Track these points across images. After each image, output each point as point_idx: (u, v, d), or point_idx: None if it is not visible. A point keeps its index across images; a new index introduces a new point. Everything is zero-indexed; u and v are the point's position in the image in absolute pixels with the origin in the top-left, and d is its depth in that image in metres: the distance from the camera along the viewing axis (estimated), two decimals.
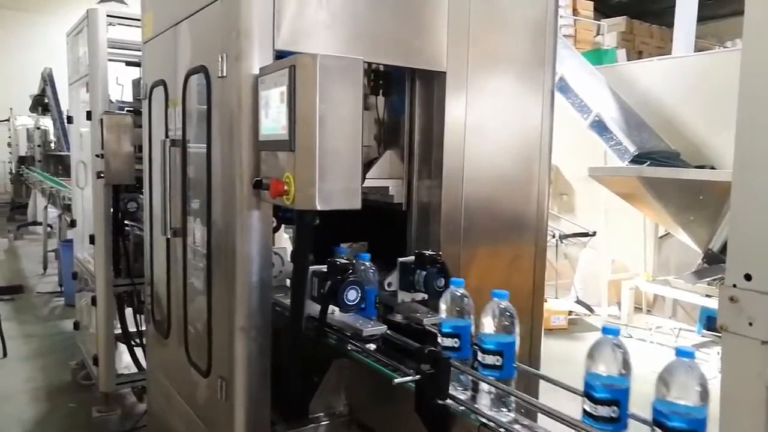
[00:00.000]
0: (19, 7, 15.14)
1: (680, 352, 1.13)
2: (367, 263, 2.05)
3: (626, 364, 1.24)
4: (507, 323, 1.50)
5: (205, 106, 2.16)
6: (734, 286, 1.09)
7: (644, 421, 1.24)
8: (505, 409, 1.49)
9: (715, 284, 5.54)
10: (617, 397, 1.23)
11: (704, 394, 1.10)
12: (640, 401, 1.27)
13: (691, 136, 6.49)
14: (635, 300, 6.70)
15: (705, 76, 6.47)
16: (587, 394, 1.26)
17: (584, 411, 1.26)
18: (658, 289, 6.36)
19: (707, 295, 5.63)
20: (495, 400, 1.50)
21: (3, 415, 4.08)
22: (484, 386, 1.53)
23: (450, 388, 1.55)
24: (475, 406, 1.51)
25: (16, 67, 14.35)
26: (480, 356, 1.52)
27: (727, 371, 1.15)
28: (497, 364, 1.48)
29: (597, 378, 1.24)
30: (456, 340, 1.60)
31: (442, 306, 1.63)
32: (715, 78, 6.24)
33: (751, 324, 1.08)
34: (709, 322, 5.98)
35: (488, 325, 1.50)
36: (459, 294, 1.64)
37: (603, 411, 1.23)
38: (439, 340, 1.63)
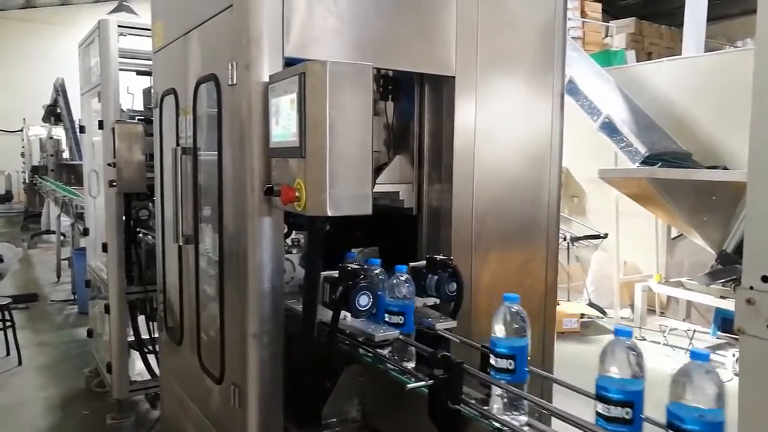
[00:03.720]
0: (32, 18, 15.35)
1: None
2: (378, 269, 2.03)
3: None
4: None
5: (216, 114, 2.18)
6: (751, 288, 1.08)
7: (659, 424, 1.23)
8: (517, 413, 1.48)
9: (730, 285, 5.49)
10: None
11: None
12: (654, 404, 1.26)
13: (703, 137, 6.44)
14: (648, 302, 6.65)
15: (716, 76, 6.42)
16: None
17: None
18: (671, 291, 6.31)
19: (722, 297, 5.57)
20: (508, 404, 1.49)
21: (18, 423, 4.12)
22: (496, 389, 1.51)
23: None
24: (488, 410, 1.50)
25: (29, 77, 14.55)
26: (492, 359, 1.51)
27: (744, 374, 1.14)
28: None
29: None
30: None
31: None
32: (726, 78, 6.20)
33: None
34: (724, 323, 5.92)
35: (499, 328, 1.49)
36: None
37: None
38: (492, 360, 1.51)
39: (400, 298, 1.90)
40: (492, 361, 1.50)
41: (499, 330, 1.49)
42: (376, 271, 1.97)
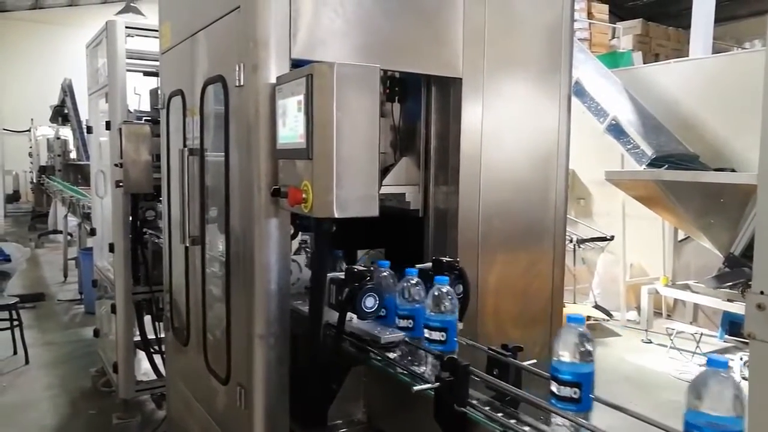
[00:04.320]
0: (40, 19, 15.45)
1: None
2: (387, 271, 2.02)
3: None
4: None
5: (223, 116, 2.18)
6: (762, 293, 1.07)
7: (650, 422, 1.24)
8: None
9: (737, 289, 5.45)
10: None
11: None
12: (665, 407, 1.25)
13: (710, 139, 6.41)
14: (655, 305, 6.62)
15: (723, 77, 6.39)
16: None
17: None
18: (678, 294, 6.27)
19: (729, 300, 5.54)
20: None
21: (25, 422, 4.13)
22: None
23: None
24: (493, 412, 1.49)
25: (37, 78, 14.64)
26: (554, 387, 1.39)
27: (755, 380, 1.13)
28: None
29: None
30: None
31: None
32: (733, 79, 6.17)
33: None
34: (732, 327, 5.89)
35: (564, 352, 1.36)
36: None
37: None
38: (553, 388, 1.39)
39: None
40: (554, 388, 1.39)
41: (563, 354, 1.36)
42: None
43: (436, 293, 1.77)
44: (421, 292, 1.90)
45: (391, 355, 1.83)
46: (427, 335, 1.81)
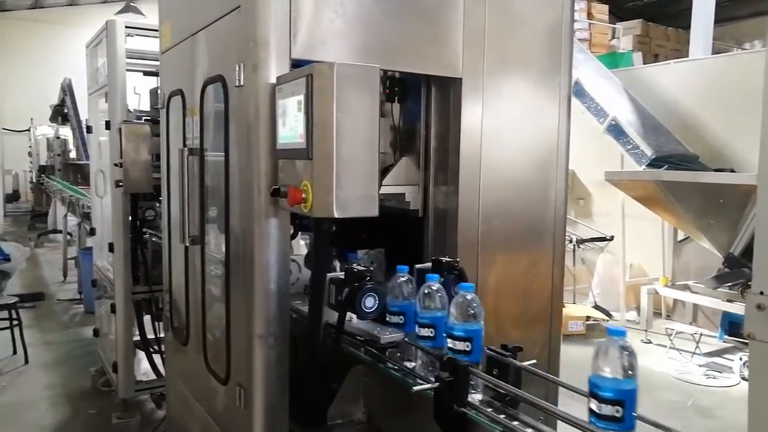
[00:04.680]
0: (40, 19, 15.45)
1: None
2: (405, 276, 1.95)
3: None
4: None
5: (223, 115, 2.18)
6: (761, 293, 1.07)
7: (655, 424, 1.24)
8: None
9: (737, 289, 5.46)
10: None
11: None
12: (664, 407, 1.25)
13: (710, 139, 6.42)
14: (654, 305, 6.62)
15: (723, 78, 6.39)
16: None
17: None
18: (677, 294, 6.28)
19: (729, 300, 5.54)
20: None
21: (24, 422, 4.13)
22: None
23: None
24: (493, 412, 1.49)
25: (37, 77, 14.64)
26: (594, 405, 1.27)
27: (754, 379, 1.13)
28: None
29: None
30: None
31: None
32: (733, 80, 6.17)
33: None
34: (731, 327, 5.89)
35: (605, 368, 1.25)
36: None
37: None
38: (594, 406, 1.27)
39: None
40: (593, 406, 1.27)
41: (604, 369, 1.25)
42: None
43: (426, 291, 1.75)
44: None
45: (391, 355, 1.83)
46: (387, 319, 1.85)
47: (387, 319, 1.91)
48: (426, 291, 1.76)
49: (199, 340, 2.59)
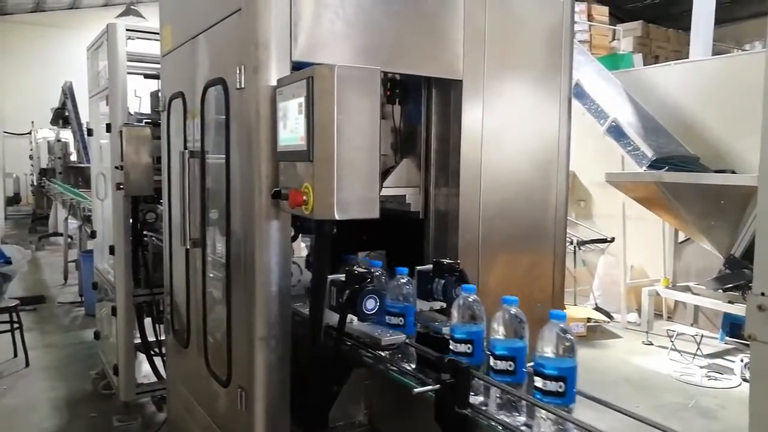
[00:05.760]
0: (41, 22, 15.48)
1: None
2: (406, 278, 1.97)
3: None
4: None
5: (224, 118, 2.18)
6: (762, 294, 1.07)
7: (651, 424, 1.23)
8: (516, 414, 1.47)
9: (738, 290, 5.45)
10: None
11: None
12: (666, 408, 1.25)
13: (711, 140, 6.41)
14: (655, 306, 6.61)
15: (724, 79, 6.39)
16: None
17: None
18: (678, 296, 6.27)
19: (730, 302, 5.53)
20: (507, 405, 1.49)
21: (26, 425, 4.13)
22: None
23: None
24: (494, 413, 1.49)
25: (38, 80, 14.66)
26: (540, 382, 1.40)
27: (756, 380, 1.13)
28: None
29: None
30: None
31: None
32: (734, 81, 6.17)
33: None
34: (733, 328, 5.88)
35: (549, 349, 1.39)
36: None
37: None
38: (538, 383, 1.40)
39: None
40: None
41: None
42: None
43: (395, 283, 1.85)
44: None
45: (392, 357, 1.83)
46: (387, 320, 1.88)
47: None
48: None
49: (200, 343, 2.59)
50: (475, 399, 1.56)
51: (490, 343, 1.57)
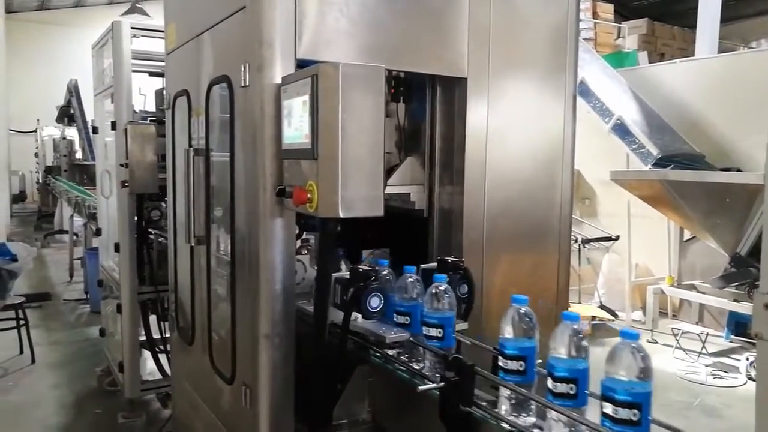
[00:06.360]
0: (46, 20, 15.53)
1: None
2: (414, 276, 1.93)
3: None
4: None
5: (228, 116, 2.19)
6: None
7: (664, 425, 1.23)
8: (525, 414, 1.47)
9: (744, 289, 5.43)
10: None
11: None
12: (671, 407, 1.25)
13: (716, 138, 6.39)
14: (660, 305, 6.60)
15: (729, 77, 6.36)
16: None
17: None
18: (683, 294, 6.26)
19: (735, 300, 5.51)
20: (516, 405, 1.49)
21: (31, 421, 4.15)
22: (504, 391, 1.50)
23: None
24: (499, 412, 1.49)
25: (43, 78, 14.73)
26: (551, 384, 1.37)
27: (762, 379, 1.12)
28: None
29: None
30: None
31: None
32: (739, 79, 6.14)
33: None
34: (738, 327, 5.86)
35: (562, 350, 1.36)
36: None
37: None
38: (549, 385, 1.37)
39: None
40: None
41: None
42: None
43: (433, 291, 1.75)
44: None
45: (394, 353, 1.83)
46: (395, 319, 1.86)
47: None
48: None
49: (204, 340, 2.60)
50: (482, 398, 1.56)
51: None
